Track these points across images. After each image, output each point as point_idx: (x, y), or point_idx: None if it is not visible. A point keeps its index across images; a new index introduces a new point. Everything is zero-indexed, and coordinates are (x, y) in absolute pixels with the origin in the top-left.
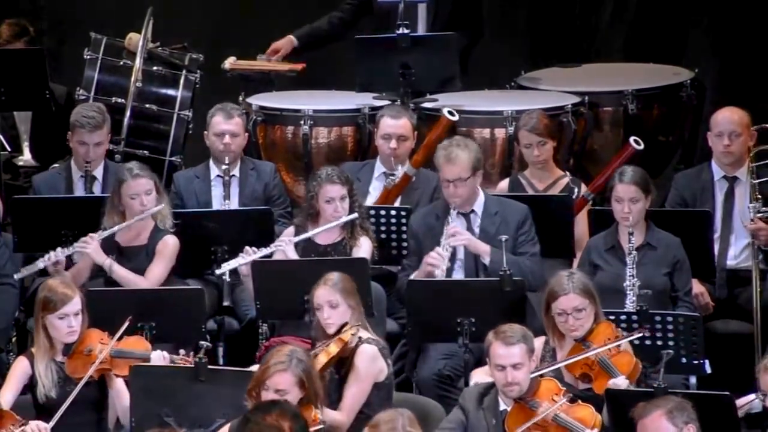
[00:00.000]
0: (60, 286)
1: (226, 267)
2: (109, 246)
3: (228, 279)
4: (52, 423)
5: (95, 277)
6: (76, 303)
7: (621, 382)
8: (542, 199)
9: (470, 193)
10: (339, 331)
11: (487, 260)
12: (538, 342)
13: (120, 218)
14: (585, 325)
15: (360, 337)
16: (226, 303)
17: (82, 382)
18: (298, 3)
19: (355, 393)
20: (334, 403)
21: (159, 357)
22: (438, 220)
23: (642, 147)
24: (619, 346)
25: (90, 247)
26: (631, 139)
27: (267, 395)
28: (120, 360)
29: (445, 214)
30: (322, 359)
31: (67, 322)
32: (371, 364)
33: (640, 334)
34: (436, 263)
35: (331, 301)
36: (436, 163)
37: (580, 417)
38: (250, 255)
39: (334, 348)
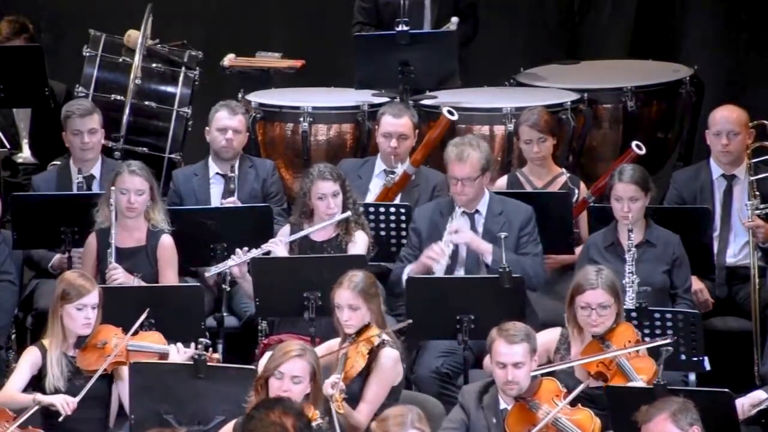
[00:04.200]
0: (79, 279)
1: (214, 270)
2: (105, 247)
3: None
4: (78, 398)
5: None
6: (93, 296)
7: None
8: (541, 195)
9: (477, 192)
10: (362, 331)
11: (488, 259)
12: (555, 333)
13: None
14: (607, 322)
15: (384, 339)
16: (225, 287)
17: (99, 371)
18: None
19: (376, 393)
20: (347, 401)
21: (177, 351)
22: (443, 217)
23: (644, 152)
24: (638, 350)
25: (120, 276)
26: (633, 143)
27: (278, 384)
28: (136, 354)
29: (450, 211)
30: (360, 363)
31: (85, 313)
32: (394, 367)
33: (668, 341)
34: (437, 257)
35: (352, 305)
36: (445, 159)
37: (579, 421)
38: (240, 257)
39: (364, 350)
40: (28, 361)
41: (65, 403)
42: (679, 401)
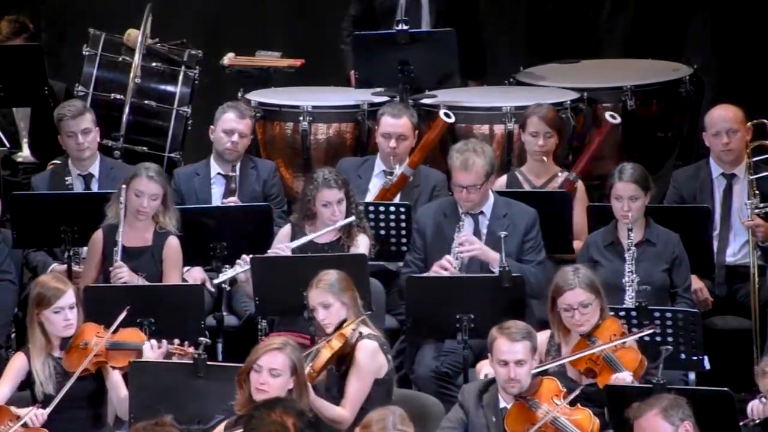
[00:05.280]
0: (52, 281)
1: (223, 276)
2: (112, 244)
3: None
4: (48, 409)
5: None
6: (69, 296)
7: (626, 377)
8: (541, 194)
9: (482, 197)
10: (339, 327)
11: (496, 269)
12: (544, 336)
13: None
14: (591, 320)
15: (360, 333)
16: (225, 286)
17: (76, 374)
18: None
19: (356, 388)
20: (335, 398)
21: (150, 347)
22: (446, 218)
23: (618, 121)
24: (624, 342)
25: (125, 275)
26: (607, 114)
27: (256, 377)
28: (116, 352)
29: (454, 212)
30: (325, 354)
31: (63, 315)
32: (372, 359)
33: (650, 331)
34: (447, 271)
35: (323, 302)
36: (450, 165)
37: (578, 421)
38: (247, 263)
39: (336, 343)
40: (14, 368)
41: (34, 417)
42: (671, 397)
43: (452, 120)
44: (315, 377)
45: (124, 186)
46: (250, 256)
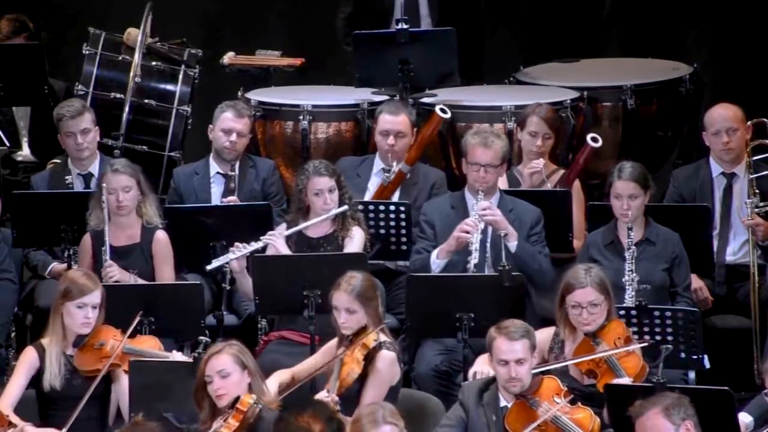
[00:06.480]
0: (82, 277)
1: (216, 263)
2: (100, 245)
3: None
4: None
5: None
6: (95, 296)
7: (625, 383)
8: (541, 193)
9: (495, 181)
10: (359, 334)
11: (513, 243)
12: (546, 334)
13: (103, 214)
14: (598, 320)
15: (381, 342)
16: (225, 285)
17: (97, 380)
18: None
19: (373, 397)
20: (343, 398)
21: (178, 358)
22: (454, 210)
23: (599, 144)
24: (628, 350)
25: (116, 274)
26: (588, 136)
27: (213, 387)
28: (126, 356)
29: (462, 205)
30: (356, 369)
31: (84, 312)
32: (390, 369)
33: (646, 344)
34: (471, 230)
35: (349, 308)
36: (466, 146)
37: (579, 420)
38: (240, 250)
39: (360, 355)
40: (24, 366)
41: None
42: (674, 396)
43: (448, 116)
44: (342, 392)
45: (104, 185)
46: (243, 243)
